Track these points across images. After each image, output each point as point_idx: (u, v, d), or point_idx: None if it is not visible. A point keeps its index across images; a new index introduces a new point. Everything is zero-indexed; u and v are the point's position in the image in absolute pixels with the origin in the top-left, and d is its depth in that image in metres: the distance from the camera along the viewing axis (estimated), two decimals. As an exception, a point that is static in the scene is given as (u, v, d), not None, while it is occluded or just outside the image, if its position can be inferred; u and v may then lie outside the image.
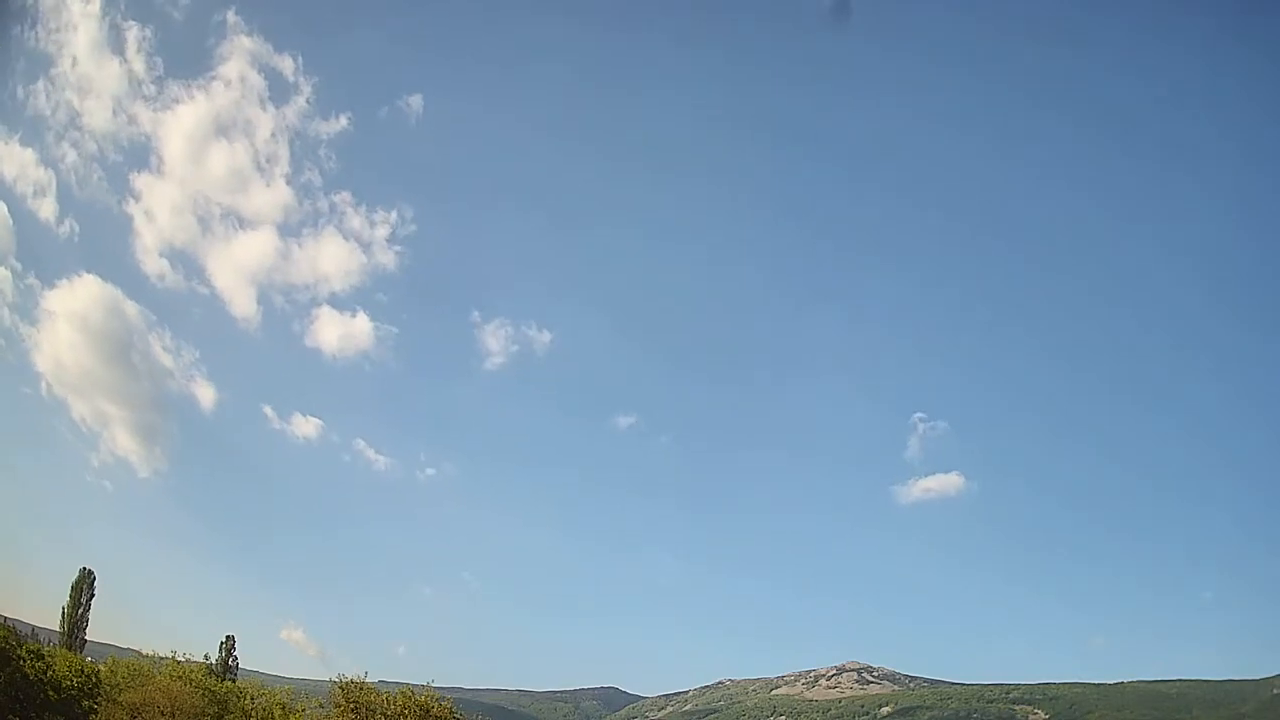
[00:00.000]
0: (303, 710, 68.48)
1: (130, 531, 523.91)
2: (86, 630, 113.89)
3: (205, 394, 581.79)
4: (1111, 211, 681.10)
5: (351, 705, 58.39)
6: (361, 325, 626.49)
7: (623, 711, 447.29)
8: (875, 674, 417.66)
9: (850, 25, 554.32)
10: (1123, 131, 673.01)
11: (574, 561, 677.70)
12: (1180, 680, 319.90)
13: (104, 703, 65.25)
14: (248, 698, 70.14)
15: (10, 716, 60.94)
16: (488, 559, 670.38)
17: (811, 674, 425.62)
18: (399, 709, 58.17)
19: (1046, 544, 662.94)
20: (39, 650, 73.48)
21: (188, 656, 77.73)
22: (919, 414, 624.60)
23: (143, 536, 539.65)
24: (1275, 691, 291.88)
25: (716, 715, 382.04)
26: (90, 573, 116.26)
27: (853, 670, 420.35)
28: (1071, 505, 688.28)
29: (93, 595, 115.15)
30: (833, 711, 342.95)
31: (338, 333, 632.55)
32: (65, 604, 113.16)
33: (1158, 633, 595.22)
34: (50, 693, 64.56)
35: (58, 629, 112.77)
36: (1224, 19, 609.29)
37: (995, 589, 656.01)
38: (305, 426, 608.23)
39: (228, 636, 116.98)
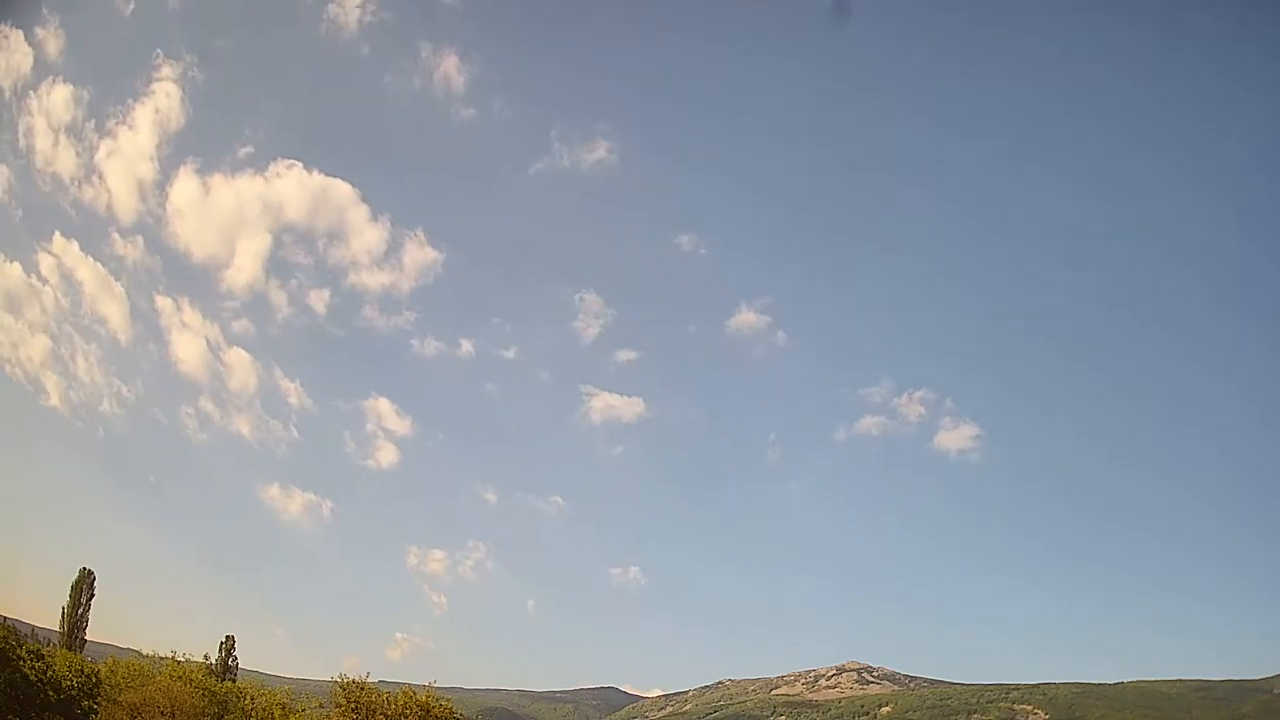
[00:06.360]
0: (303, 710, 68.33)
1: (130, 531, 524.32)
2: (86, 630, 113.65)
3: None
4: (1111, 210, 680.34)
5: (352, 705, 58.16)
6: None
7: (623, 711, 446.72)
8: (875, 674, 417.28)
9: (850, 24, 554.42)
10: (1121, 129, 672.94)
11: (574, 561, 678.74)
12: (1180, 680, 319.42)
13: (104, 703, 65.09)
14: (248, 698, 69.97)
15: (10, 717, 60.80)
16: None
17: (811, 674, 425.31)
18: (399, 709, 57.97)
19: (1047, 544, 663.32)
20: (39, 650, 73.27)
21: (188, 656, 77.48)
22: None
23: (142, 536, 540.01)
24: (1275, 691, 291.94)
25: (716, 715, 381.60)
26: (90, 573, 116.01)
27: (853, 670, 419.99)
28: (1072, 505, 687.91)
29: (93, 595, 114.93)
30: (833, 711, 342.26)
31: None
32: (65, 604, 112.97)
33: (1158, 632, 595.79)
34: (50, 693, 64.37)
35: (58, 629, 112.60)
36: (1224, 19, 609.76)
37: (995, 588, 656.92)
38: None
39: (228, 636, 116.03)
